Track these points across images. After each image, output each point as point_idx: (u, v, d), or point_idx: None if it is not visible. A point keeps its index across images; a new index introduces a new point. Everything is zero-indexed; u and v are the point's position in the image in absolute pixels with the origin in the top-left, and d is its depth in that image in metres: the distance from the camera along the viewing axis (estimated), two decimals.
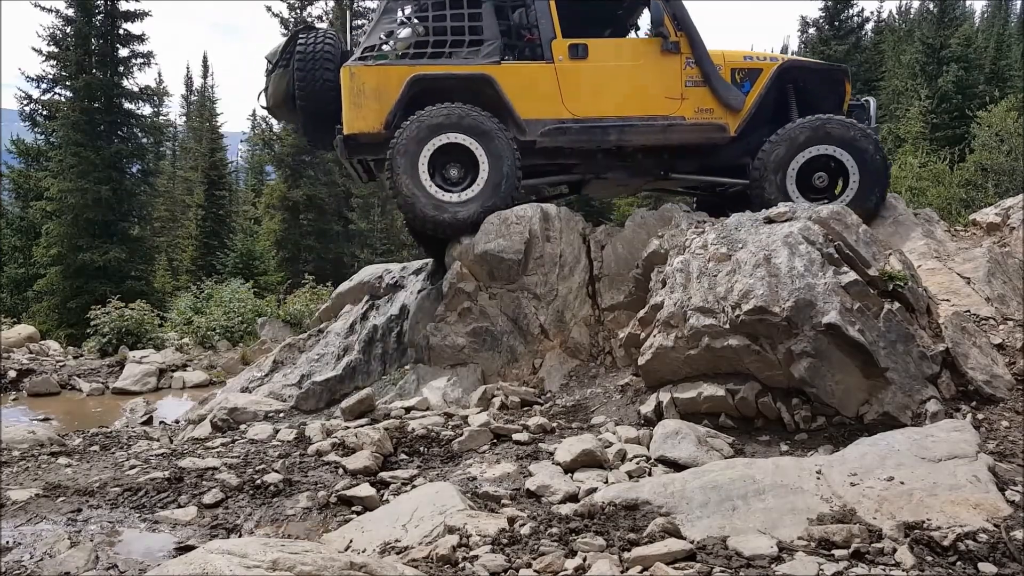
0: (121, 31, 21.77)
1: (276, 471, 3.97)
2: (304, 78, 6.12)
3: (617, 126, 6.13)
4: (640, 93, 6.18)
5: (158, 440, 5.43)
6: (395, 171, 5.80)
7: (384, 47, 6.28)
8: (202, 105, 40.61)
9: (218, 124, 32.41)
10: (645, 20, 7.00)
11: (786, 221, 4.37)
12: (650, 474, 3.60)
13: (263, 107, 6.88)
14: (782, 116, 6.25)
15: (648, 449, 3.92)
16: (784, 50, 45.26)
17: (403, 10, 6.38)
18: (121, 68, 21.81)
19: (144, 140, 22.96)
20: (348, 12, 19.20)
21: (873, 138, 6.05)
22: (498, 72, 6.01)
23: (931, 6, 29.46)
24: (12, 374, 9.84)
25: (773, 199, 5.66)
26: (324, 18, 24.57)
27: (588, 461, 3.74)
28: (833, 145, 5.93)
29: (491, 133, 5.83)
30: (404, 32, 6.33)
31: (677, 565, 2.52)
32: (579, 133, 6.12)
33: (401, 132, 5.81)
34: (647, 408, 4.45)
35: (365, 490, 3.61)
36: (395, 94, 5.90)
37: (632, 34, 7.16)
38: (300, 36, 6.29)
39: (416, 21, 6.31)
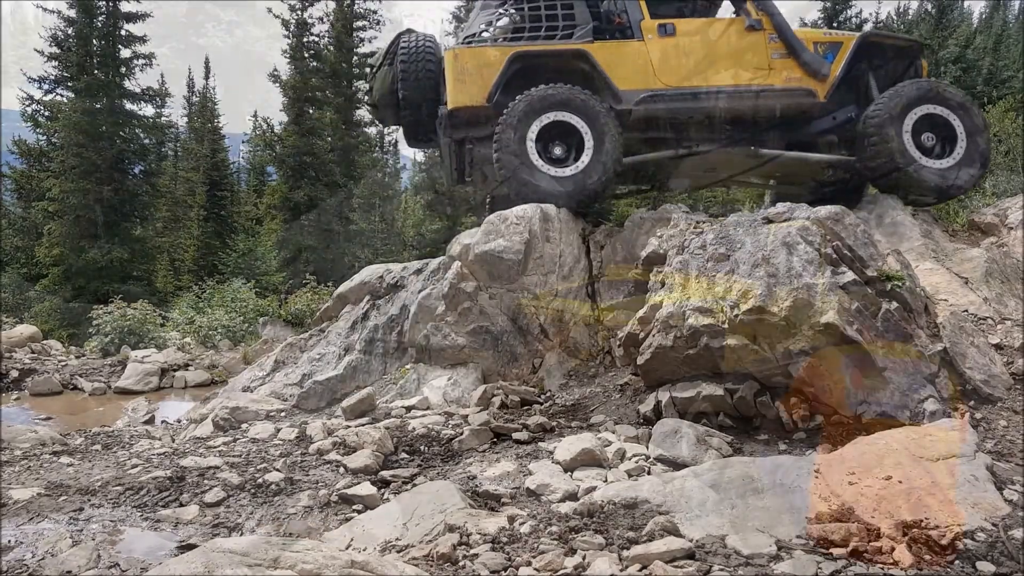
0: (123, 32, 21.82)
1: (277, 470, 3.99)
2: (407, 69, 6.71)
3: (710, 93, 6.42)
4: (729, 65, 6.50)
5: (160, 439, 5.45)
6: (502, 145, 6.12)
7: (484, 35, 6.79)
8: (203, 106, 40.60)
9: (220, 125, 32.44)
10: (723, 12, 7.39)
11: (784, 221, 4.39)
12: (649, 473, 3.62)
13: (368, 105, 7.52)
14: (862, 98, 6.48)
15: (647, 448, 3.94)
16: None
17: (503, 4, 6.88)
18: (123, 69, 21.84)
19: (146, 141, 22.95)
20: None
21: (978, 108, 6.26)
22: (593, 48, 6.46)
23: (929, 7, 29.45)
24: (14, 374, 9.87)
25: (893, 147, 5.96)
26: (325, 19, 24.53)
27: (587, 460, 3.76)
28: (945, 107, 6.16)
29: (595, 111, 6.18)
30: (503, 21, 6.86)
31: (676, 563, 2.54)
32: (673, 100, 6.45)
33: (510, 109, 6.16)
34: (646, 407, 4.47)
35: (366, 489, 3.63)
36: (496, 70, 6.35)
37: None
38: (402, 37, 6.93)
39: (513, 11, 6.80)
